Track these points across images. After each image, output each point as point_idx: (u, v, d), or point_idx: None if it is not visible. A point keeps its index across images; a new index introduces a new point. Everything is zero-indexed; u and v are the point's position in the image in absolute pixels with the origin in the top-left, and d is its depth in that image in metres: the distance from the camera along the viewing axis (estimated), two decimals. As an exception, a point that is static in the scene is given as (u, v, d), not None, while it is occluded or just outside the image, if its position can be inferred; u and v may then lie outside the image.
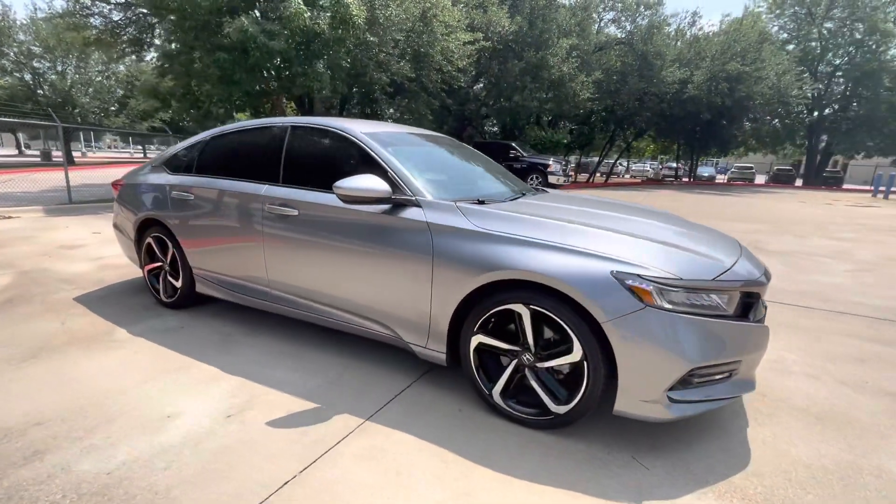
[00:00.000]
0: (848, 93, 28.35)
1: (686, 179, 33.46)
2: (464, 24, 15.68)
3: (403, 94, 14.40)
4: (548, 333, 2.01)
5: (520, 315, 1.98)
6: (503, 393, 2.10)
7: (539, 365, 2.00)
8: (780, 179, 32.91)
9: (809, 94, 23.20)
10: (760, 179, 36.19)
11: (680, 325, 1.74)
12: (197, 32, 10.87)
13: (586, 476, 1.77)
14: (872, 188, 20.81)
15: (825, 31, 28.00)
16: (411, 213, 2.26)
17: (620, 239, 1.99)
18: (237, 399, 2.25)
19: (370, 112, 16.38)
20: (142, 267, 3.60)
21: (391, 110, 15.85)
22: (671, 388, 1.78)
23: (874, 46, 26.87)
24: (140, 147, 52.54)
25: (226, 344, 2.89)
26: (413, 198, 2.29)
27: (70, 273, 4.39)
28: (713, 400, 1.87)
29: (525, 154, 16.83)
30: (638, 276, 1.77)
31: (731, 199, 16.92)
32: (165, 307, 3.51)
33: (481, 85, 20.17)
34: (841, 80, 29.07)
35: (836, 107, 29.32)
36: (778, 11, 29.25)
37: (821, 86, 28.04)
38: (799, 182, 32.93)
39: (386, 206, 2.32)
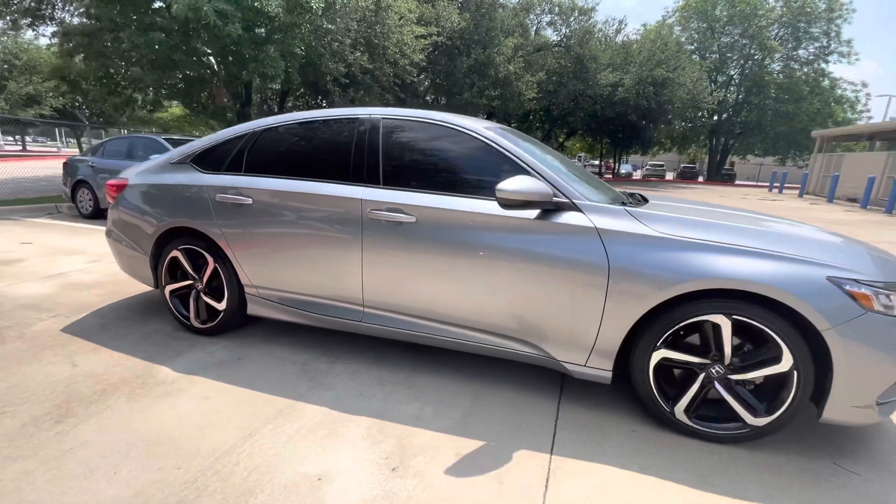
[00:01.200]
0: (741, 99, 32.30)
1: (609, 176, 36.07)
2: (415, 17, 15.34)
3: (357, 87, 13.70)
4: (735, 341, 1.91)
5: (715, 326, 1.86)
6: (686, 409, 1.97)
7: (733, 377, 1.90)
8: (686, 176, 36.95)
9: (715, 101, 26.03)
10: (669, 176, 40.19)
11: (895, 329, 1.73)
12: (122, 6, 9.37)
13: (813, 491, 1.70)
14: (769, 184, 23.95)
15: (723, 45, 31.61)
16: (572, 218, 2.03)
17: (811, 243, 1.94)
18: (385, 445, 1.87)
19: (316, 105, 15.39)
20: (160, 286, 2.94)
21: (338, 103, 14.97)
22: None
23: (760, 60, 30.89)
24: (14, 138, 44.65)
25: (310, 375, 2.44)
26: (569, 200, 2.06)
27: (30, 297, 3.50)
28: None
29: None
30: (854, 280, 1.73)
31: (669, 194, 18.45)
32: (196, 334, 2.90)
33: (423, 77, 19.91)
34: (734, 88, 33.05)
35: (731, 112, 33.29)
36: (685, 24, 32.45)
37: (722, 93, 31.61)
38: (701, 178, 37.04)
39: (537, 211, 2.07)
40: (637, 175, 41.03)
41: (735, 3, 29.63)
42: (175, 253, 2.81)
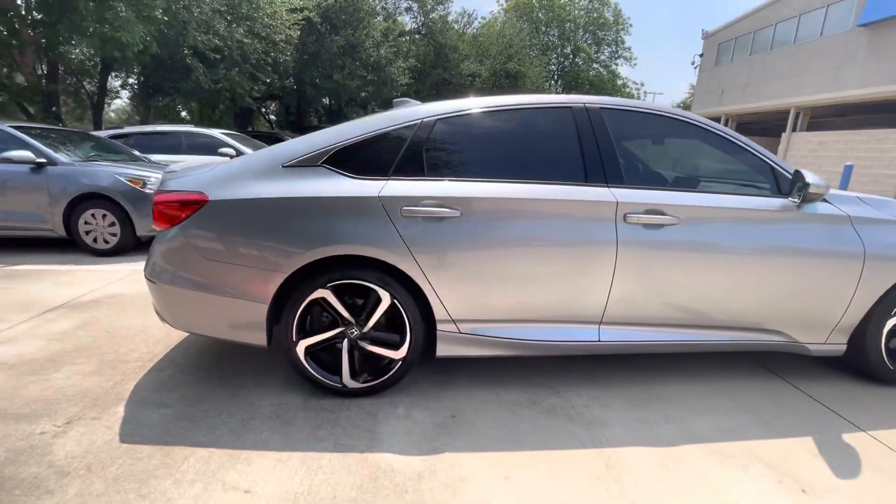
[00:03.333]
0: (561, 93, 37.72)
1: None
2: (279, -13, 13.53)
3: (225, 64, 11.44)
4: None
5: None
6: (902, 364, 2.31)
7: (936, 331, 2.30)
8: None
9: (555, 93, 29.86)
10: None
11: None
12: None
13: None
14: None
15: (545, 44, 36.24)
16: (826, 209, 2.15)
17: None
18: (753, 469, 1.73)
19: (170, 85, 12.35)
20: (287, 343, 2.06)
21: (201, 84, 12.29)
22: None
23: (573, 59, 36.49)
24: None
25: (565, 415, 2.06)
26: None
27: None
28: None
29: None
30: None
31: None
32: (343, 397, 2.14)
33: (292, 56, 17.94)
34: (554, 83, 38.39)
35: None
36: (513, 22, 36.09)
37: (547, 86, 36.34)
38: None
39: (797, 203, 2.12)
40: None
41: (553, 8, 34.18)
42: (321, 293, 1.99)
